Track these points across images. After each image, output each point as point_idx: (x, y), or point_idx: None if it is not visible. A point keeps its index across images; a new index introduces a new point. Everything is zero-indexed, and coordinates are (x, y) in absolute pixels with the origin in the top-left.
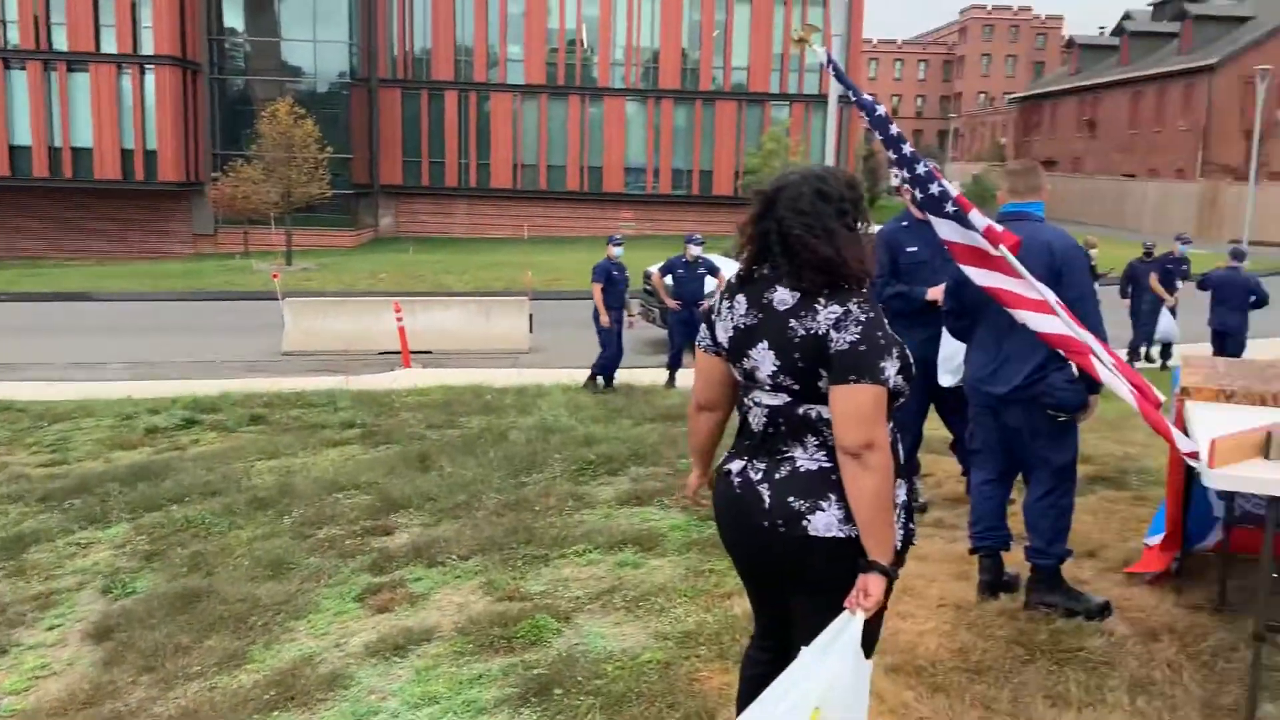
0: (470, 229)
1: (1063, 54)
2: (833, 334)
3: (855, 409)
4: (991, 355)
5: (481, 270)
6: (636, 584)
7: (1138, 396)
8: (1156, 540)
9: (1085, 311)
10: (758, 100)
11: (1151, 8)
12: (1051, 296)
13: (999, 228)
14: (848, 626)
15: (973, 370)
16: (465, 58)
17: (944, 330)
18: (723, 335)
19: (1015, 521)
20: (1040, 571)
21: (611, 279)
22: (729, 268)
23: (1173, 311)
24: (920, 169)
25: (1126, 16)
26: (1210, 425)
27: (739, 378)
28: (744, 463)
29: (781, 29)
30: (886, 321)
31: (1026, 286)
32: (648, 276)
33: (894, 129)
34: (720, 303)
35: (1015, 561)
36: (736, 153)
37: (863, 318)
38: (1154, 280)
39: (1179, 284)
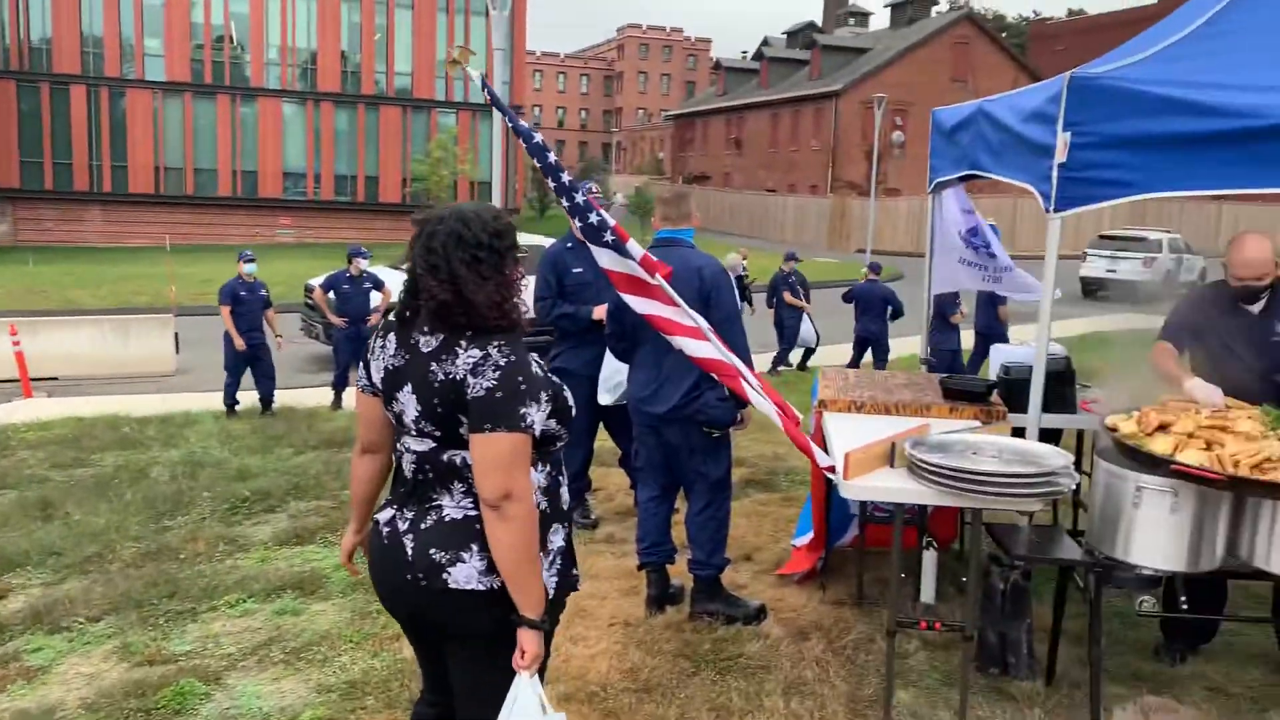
0: (106, 237)
1: (711, 75)
2: (470, 379)
3: (493, 458)
4: (652, 376)
5: (119, 284)
6: (297, 633)
7: (781, 415)
8: (804, 541)
9: (732, 333)
10: (424, 106)
11: (786, 36)
12: (703, 323)
13: (654, 258)
14: (520, 689)
15: (634, 390)
16: (94, 50)
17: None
18: (376, 375)
19: (682, 531)
20: (702, 582)
21: (240, 299)
22: (396, 281)
23: (810, 317)
24: (579, 197)
25: (765, 43)
26: (844, 436)
27: (392, 420)
28: (394, 512)
29: (445, 36)
30: (535, 363)
31: (681, 313)
32: (309, 290)
33: (551, 157)
34: (375, 340)
35: (681, 573)
36: (404, 159)
37: (502, 362)
38: (787, 296)
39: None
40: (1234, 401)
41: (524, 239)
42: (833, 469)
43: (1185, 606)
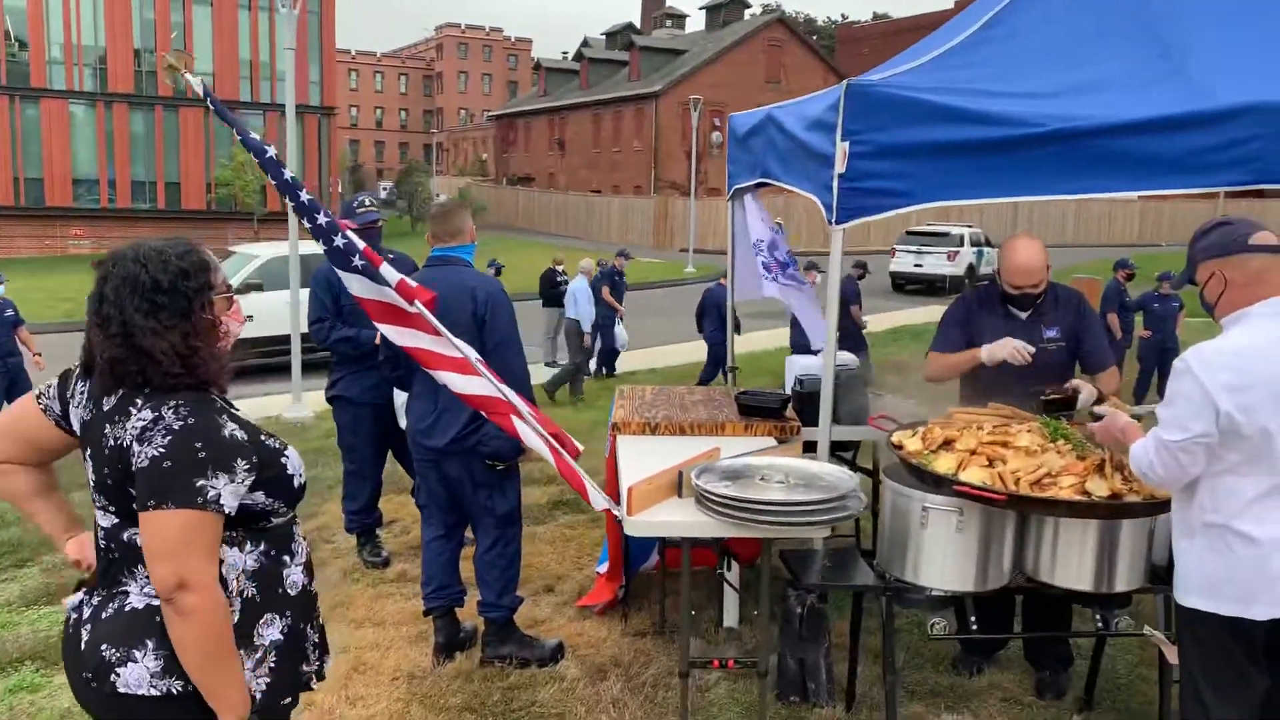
0: None
1: (533, 75)
2: (135, 447)
3: (160, 541)
4: (429, 407)
5: None
6: (32, 714)
7: (555, 454)
8: (605, 568)
9: (507, 358)
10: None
11: (605, 37)
12: (471, 353)
13: (412, 283)
14: None
15: (412, 422)
16: None
17: None
18: (75, 420)
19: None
20: (493, 625)
21: None
22: None
23: (620, 320)
24: (321, 219)
25: (585, 43)
26: (637, 462)
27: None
28: (83, 597)
29: (248, 34)
30: (238, 425)
31: (444, 344)
32: None
33: (288, 174)
34: (74, 381)
35: (473, 614)
36: (207, 164)
37: (176, 425)
38: (605, 292)
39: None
40: (1017, 412)
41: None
42: (609, 511)
43: (975, 627)
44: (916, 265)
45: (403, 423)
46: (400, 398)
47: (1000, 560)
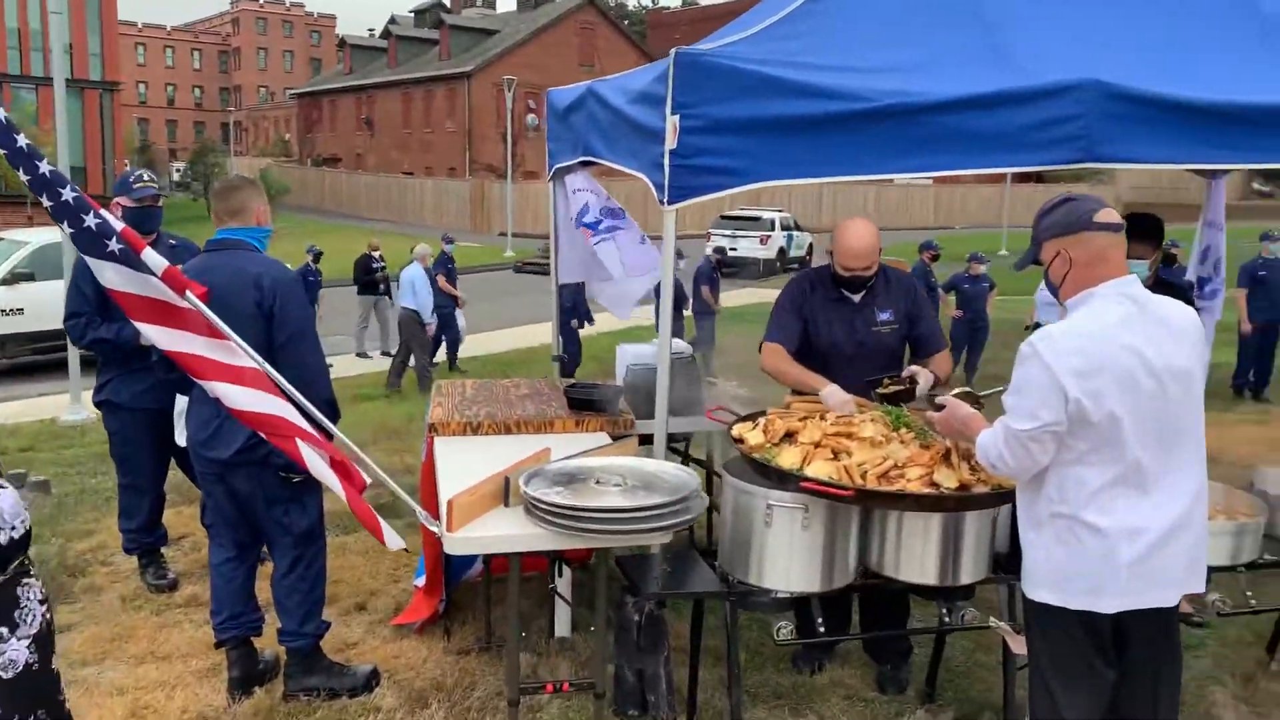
0: None
1: (338, 53)
2: None
3: None
4: (211, 413)
5: None
6: None
7: (345, 485)
8: (423, 581)
9: (302, 354)
10: None
11: (414, 14)
12: (252, 359)
13: (182, 271)
14: None
15: (193, 431)
16: None
17: None
18: None
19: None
20: (296, 655)
21: None
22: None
23: (460, 308)
24: (68, 194)
25: (392, 21)
26: (458, 468)
27: None
28: None
29: (15, 1)
30: None
31: (225, 349)
32: None
33: (22, 141)
34: None
35: (273, 642)
36: None
37: None
38: (442, 280)
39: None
40: (862, 401)
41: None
42: (434, 516)
43: (822, 630)
44: (731, 249)
45: (180, 437)
46: (181, 402)
47: (846, 557)
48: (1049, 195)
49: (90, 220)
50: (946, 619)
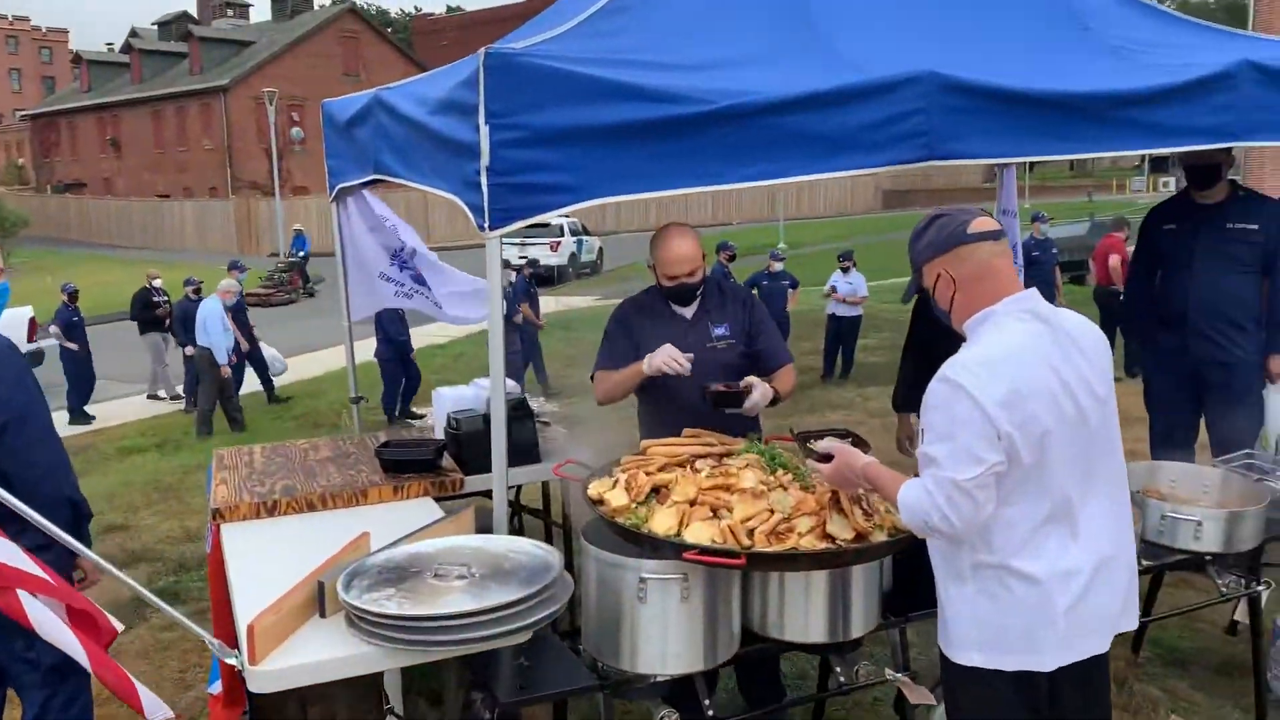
0: None
1: (73, 69)
2: None
3: None
4: None
5: None
6: None
7: (87, 643)
8: (218, 689)
9: (22, 447)
10: None
11: (157, 27)
12: None
13: None
14: None
15: None
16: None
17: None
18: None
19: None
20: None
21: None
22: None
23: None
24: None
25: (133, 34)
26: (255, 567)
27: None
28: None
29: None
30: None
31: None
32: None
33: None
34: None
35: None
36: None
37: None
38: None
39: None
40: (721, 439)
41: None
42: (233, 648)
43: (711, 712)
44: (521, 257)
45: None
46: None
47: (730, 625)
48: (831, 188)
49: None
50: (843, 681)
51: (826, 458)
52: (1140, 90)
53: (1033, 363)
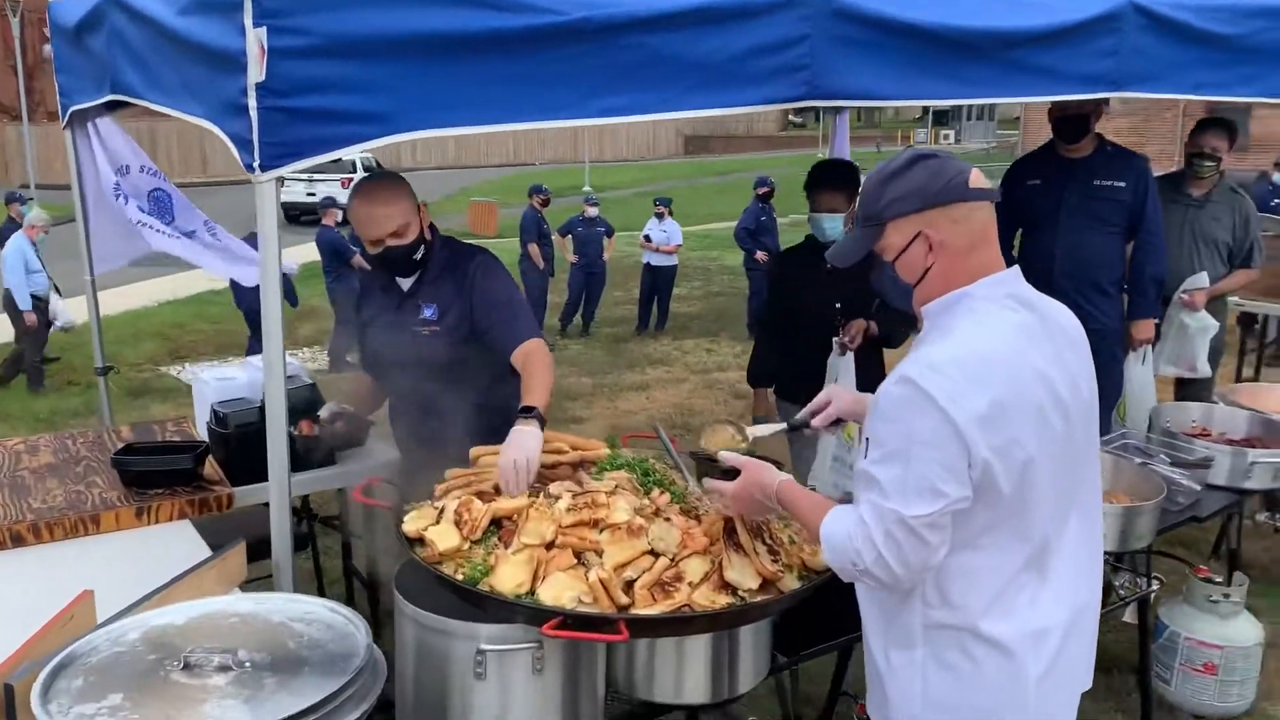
0: None
1: None
2: None
3: None
4: None
5: None
6: None
7: None
8: None
9: None
10: None
11: None
12: None
13: None
14: None
15: None
16: None
17: None
18: None
19: None
20: None
21: None
22: None
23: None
24: None
25: None
26: None
27: None
28: None
29: None
30: None
31: None
32: None
33: None
34: None
35: None
36: None
37: None
38: None
39: None
40: (550, 435)
41: None
42: None
43: None
44: (310, 195)
45: None
46: None
47: (593, 695)
48: (634, 131)
49: None
50: None
51: (731, 473)
52: (1032, 30)
53: (1021, 368)
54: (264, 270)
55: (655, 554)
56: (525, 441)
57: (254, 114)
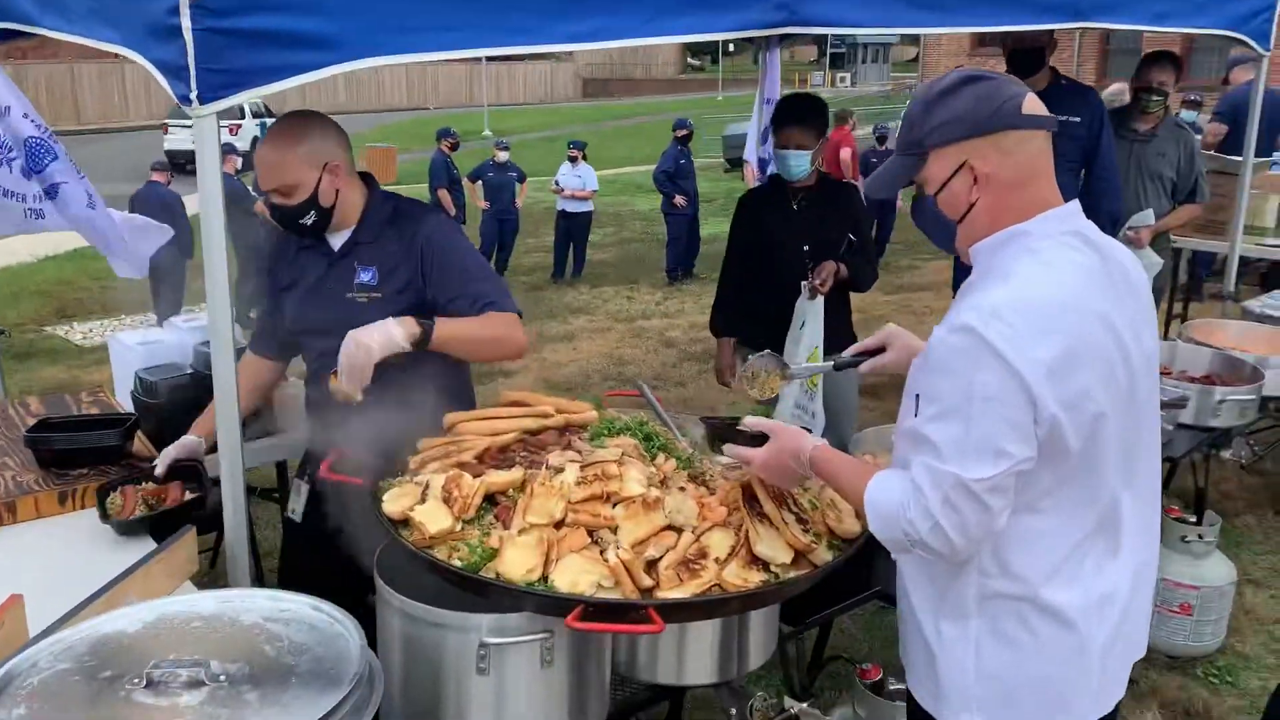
0: None
1: None
2: None
3: None
4: None
5: None
6: None
7: None
8: None
9: None
10: None
11: None
12: None
13: None
14: None
15: None
16: None
17: None
18: None
19: None
20: None
21: None
22: None
23: None
24: None
25: None
26: None
27: None
28: None
29: None
30: None
31: None
32: None
33: None
34: None
35: None
36: None
37: None
38: None
39: None
40: (531, 397)
41: None
42: None
43: None
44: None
45: None
46: None
47: (601, 682)
48: (531, 74)
49: None
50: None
51: (758, 439)
52: None
53: (1088, 313)
54: (205, 222)
55: (674, 528)
56: (377, 333)
57: (189, 36)
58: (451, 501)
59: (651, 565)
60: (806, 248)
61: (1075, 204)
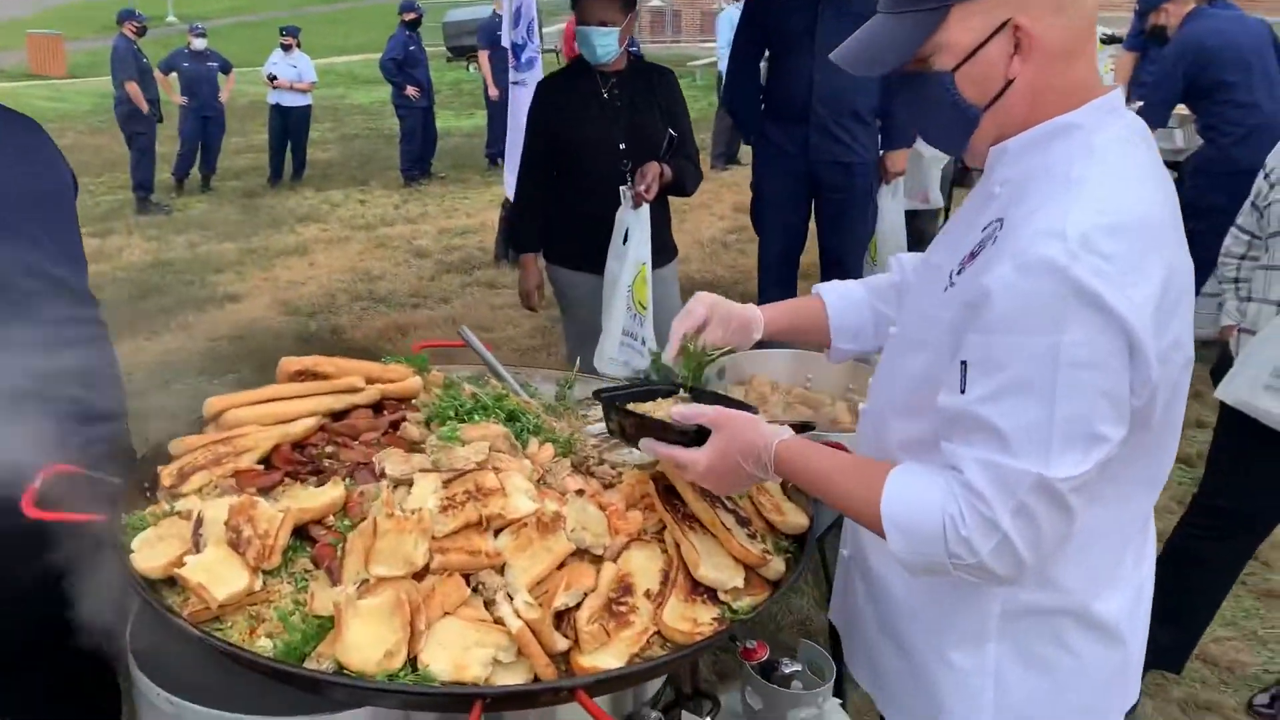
0: None
1: None
2: None
3: None
4: None
5: None
6: None
7: None
8: None
9: None
10: None
11: None
12: None
13: None
14: None
15: None
16: None
17: None
18: None
19: None
20: None
21: None
22: None
23: None
24: None
25: None
26: None
27: None
28: None
29: None
30: None
31: None
32: None
33: None
34: None
35: None
36: None
37: None
38: None
39: None
40: (326, 362)
41: None
42: None
43: None
44: None
45: None
46: None
47: None
48: None
49: None
50: None
51: (699, 436)
52: None
53: (1174, 234)
54: None
55: (598, 563)
56: None
57: None
58: (243, 544)
59: (562, 616)
60: (623, 145)
61: (1119, 91)
